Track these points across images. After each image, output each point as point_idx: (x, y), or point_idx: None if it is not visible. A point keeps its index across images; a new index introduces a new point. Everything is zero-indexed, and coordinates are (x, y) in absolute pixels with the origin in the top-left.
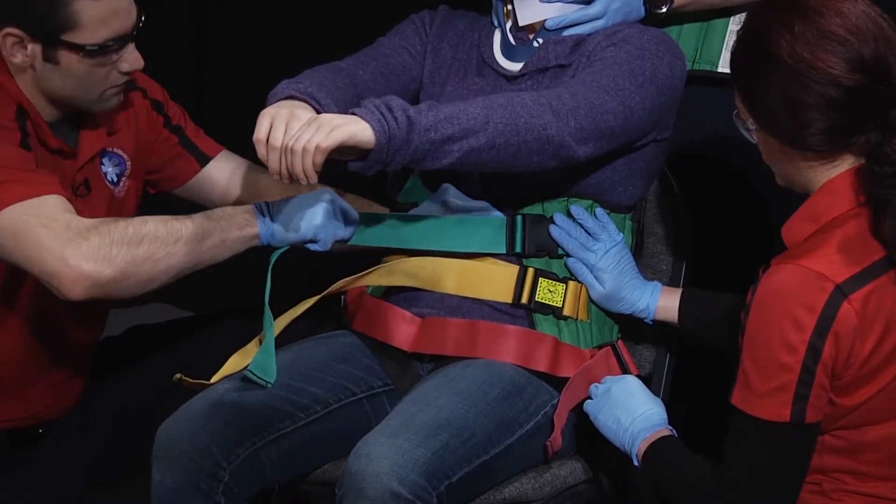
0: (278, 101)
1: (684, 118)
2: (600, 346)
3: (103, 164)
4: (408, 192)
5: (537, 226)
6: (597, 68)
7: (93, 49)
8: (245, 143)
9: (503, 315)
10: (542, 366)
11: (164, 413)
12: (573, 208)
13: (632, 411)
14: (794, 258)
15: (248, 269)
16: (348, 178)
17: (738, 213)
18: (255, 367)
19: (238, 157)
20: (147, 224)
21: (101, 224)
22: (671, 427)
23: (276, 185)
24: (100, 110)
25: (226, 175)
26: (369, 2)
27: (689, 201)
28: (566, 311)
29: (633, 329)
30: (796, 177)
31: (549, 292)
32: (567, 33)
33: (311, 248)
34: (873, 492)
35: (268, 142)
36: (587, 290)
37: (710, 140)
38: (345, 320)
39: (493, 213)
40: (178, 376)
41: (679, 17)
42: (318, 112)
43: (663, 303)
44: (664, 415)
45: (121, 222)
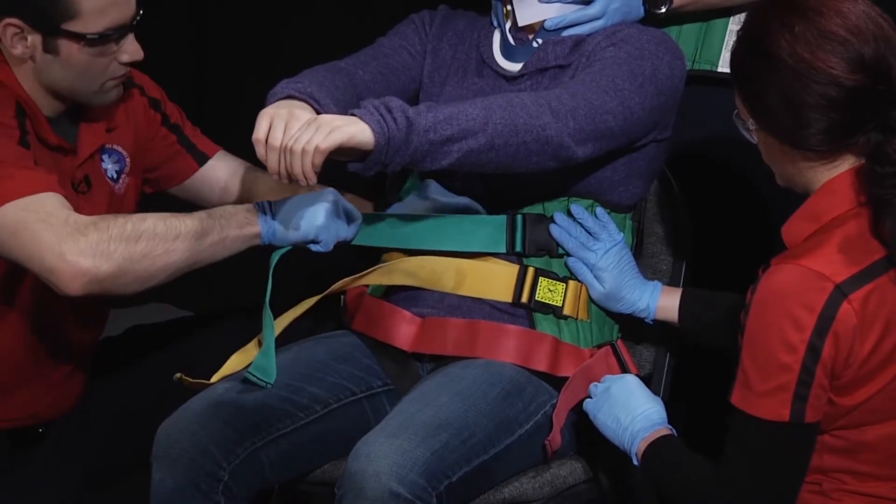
0: (277, 100)
1: (684, 118)
2: (600, 346)
3: (103, 161)
4: (407, 192)
5: (537, 225)
6: (596, 69)
7: (93, 38)
8: (245, 143)
9: (503, 314)
10: (541, 365)
11: (164, 413)
12: (573, 208)
13: (631, 410)
14: (794, 258)
15: (249, 268)
16: (347, 179)
17: (738, 213)
18: (255, 369)
19: (236, 158)
20: (146, 220)
21: (100, 220)
22: (671, 426)
23: (276, 186)
24: (99, 103)
25: (224, 175)
26: (369, 2)
27: (689, 201)
28: (566, 311)
29: (633, 329)
30: (796, 177)
31: (550, 292)
32: (566, 33)
33: (313, 248)
34: (873, 492)
35: (267, 142)
36: (587, 289)
37: (710, 140)
38: (345, 320)
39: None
40: (178, 376)
41: (679, 17)
42: (317, 112)
43: (663, 302)
44: (664, 414)
45: (119, 218)
